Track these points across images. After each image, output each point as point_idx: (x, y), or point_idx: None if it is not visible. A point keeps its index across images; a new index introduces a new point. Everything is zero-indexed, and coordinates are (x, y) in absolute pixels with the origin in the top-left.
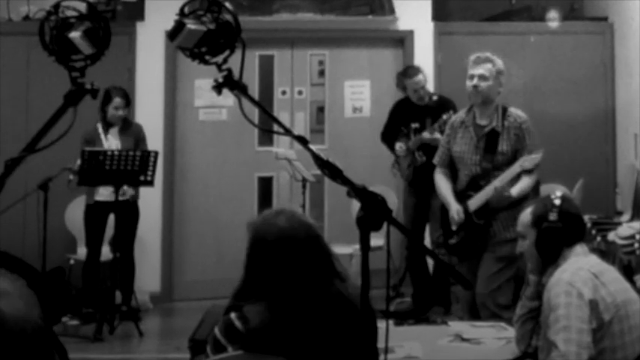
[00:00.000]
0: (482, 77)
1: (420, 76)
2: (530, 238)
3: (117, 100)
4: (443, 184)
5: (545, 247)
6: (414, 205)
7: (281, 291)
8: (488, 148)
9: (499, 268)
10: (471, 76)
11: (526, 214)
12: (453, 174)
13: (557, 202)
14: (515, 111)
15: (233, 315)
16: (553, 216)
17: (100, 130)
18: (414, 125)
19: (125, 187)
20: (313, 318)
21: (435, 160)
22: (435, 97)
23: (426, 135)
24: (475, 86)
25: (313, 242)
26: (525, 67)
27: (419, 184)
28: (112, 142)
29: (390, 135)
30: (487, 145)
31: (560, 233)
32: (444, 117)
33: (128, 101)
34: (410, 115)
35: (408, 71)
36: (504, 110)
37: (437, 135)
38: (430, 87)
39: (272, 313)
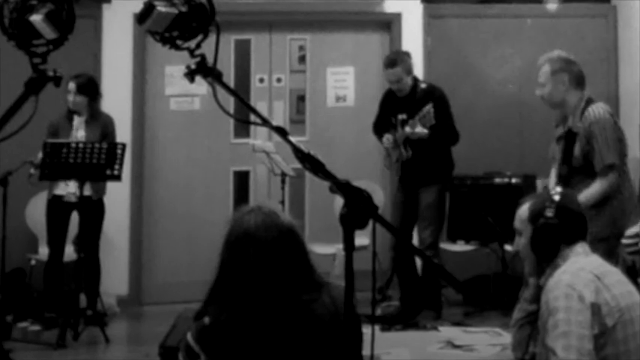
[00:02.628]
0: (540, 85)
1: (395, 69)
2: (526, 235)
3: (69, 85)
4: (550, 180)
5: (540, 245)
6: (403, 201)
7: (239, 293)
8: (567, 151)
9: None
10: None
11: (524, 209)
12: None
13: (556, 197)
14: (592, 108)
15: (207, 320)
16: (550, 212)
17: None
18: (401, 117)
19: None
20: (271, 324)
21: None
22: (423, 86)
23: (407, 130)
24: (540, 96)
25: (282, 245)
26: (521, 52)
27: (407, 179)
28: (78, 132)
29: (380, 126)
30: (565, 146)
31: (556, 231)
32: (424, 110)
33: (87, 88)
34: (397, 106)
35: (385, 61)
36: (585, 107)
37: (418, 129)
38: (419, 74)
39: (228, 313)
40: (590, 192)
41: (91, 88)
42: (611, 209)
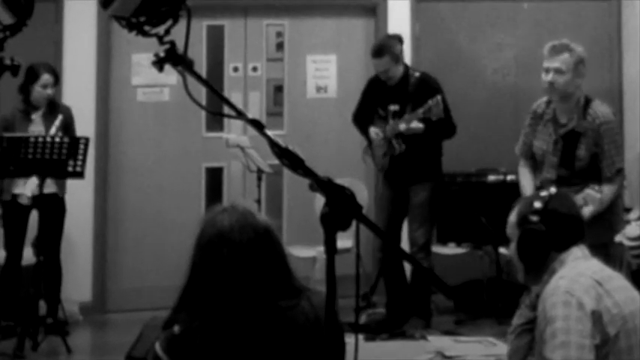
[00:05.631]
0: (558, 71)
1: (381, 59)
2: (514, 240)
3: (45, 77)
4: (524, 181)
5: (525, 253)
6: (391, 199)
7: (211, 300)
8: (567, 152)
9: None
10: (546, 69)
11: (513, 213)
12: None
13: (545, 200)
14: (597, 107)
15: (177, 328)
16: (535, 217)
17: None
18: (393, 108)
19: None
20: (247, 333)
21: (517, 149)
22: (416, 75)
23: (402, 126)
24: (551, 82)
25: (258, 247)
26: (518, 39)
27: (396, 175)
28: (35, 127)
29: (363, 117)
30: (565, 147)
31: (542, 237)
32: (430, 103)
33: (57, 79)
34: (386, 96)
35: (372, 49)
36: (586, 105)
37: (414, 124)
38: (407, 62)
39: (199, 321)
40: (606, 198)
41: (58, 78)
42: (610, 214)
